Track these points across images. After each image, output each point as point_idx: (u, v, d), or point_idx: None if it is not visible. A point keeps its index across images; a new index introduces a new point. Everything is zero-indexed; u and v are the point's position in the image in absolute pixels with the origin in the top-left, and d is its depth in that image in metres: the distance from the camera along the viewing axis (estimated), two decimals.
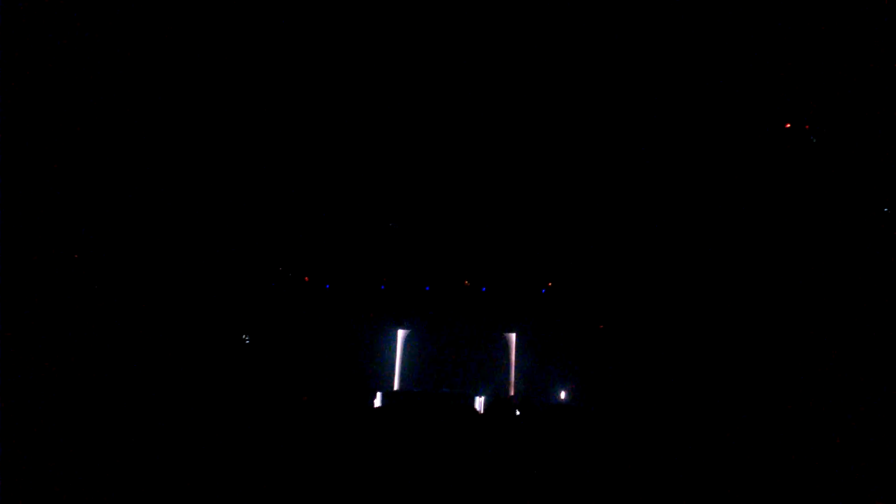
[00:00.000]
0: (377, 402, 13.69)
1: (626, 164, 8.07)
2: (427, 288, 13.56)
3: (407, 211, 9.80)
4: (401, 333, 18.50)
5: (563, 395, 17.53)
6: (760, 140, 6.49)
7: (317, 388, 14.32)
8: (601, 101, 6.90)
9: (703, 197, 8.64)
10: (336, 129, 7.80)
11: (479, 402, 14.20)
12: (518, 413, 8.18)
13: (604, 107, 6.99)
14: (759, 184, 7.23)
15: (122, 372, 9.30)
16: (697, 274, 10.47)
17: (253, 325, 13.56)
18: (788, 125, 6.05)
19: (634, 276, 12.59)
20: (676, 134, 7.22)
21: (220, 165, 8.83)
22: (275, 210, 10.13)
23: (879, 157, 6.16)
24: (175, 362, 10.39)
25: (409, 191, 9.32)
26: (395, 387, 17.75)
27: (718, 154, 7.26)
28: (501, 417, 6.11)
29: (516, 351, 18.51)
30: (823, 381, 7.06)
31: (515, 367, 18.50)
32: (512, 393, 17.80)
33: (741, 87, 5.77)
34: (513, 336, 18.53)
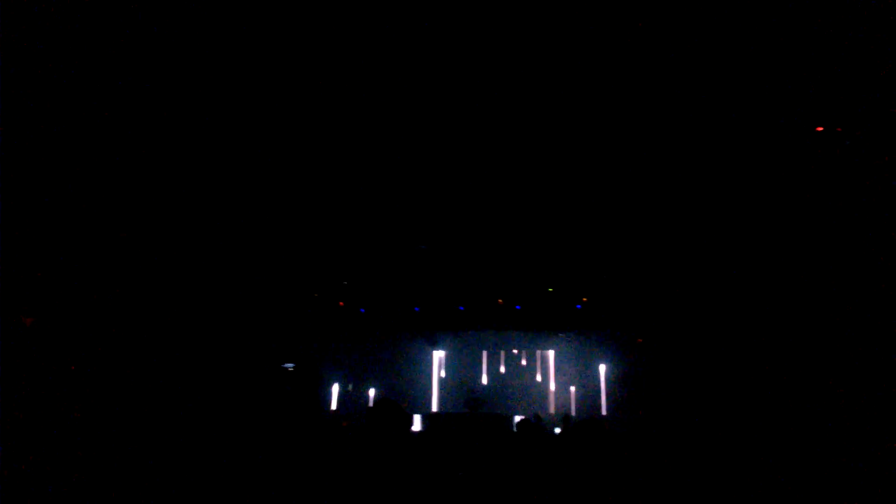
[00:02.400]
0: (416, 426, 13.65)
1: (660, 181, 7.97)
2: (461, 308, 13.54)
3: (437, 231, 9.82)
4: (439, 354, 18.50)
5: (604, 410, 17.25)
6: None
7: (353, 413, 14.38)
8: (634, 123, 6.83)
9: (734, 211, 8.52)
10: (364, 153, 7.88)
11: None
12: (558, 431, 8.08)
13: (635, 127, 6.92)
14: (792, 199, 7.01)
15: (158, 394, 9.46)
16: (731, 286, 10.29)
17: (290, 353, 13.70)
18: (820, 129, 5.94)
19: (670, 289, 12.39)
20: (707, 150, 7.11)
21: (252, 190, 8.98)
22: (307, 236, 10.25)
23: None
24: (208, 390, 10.54)
25: (439, 211, 9.35)
26: (434, 409, 17.71)
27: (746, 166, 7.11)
28: (538, 437, 6.02)
29: (555, 367, 18.34)
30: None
31: (555, 383, 18.31)
32: (552, 410, 17.59)
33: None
34: (551, 353, 18.37)
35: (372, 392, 17.86)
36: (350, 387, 17.06)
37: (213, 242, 10.16)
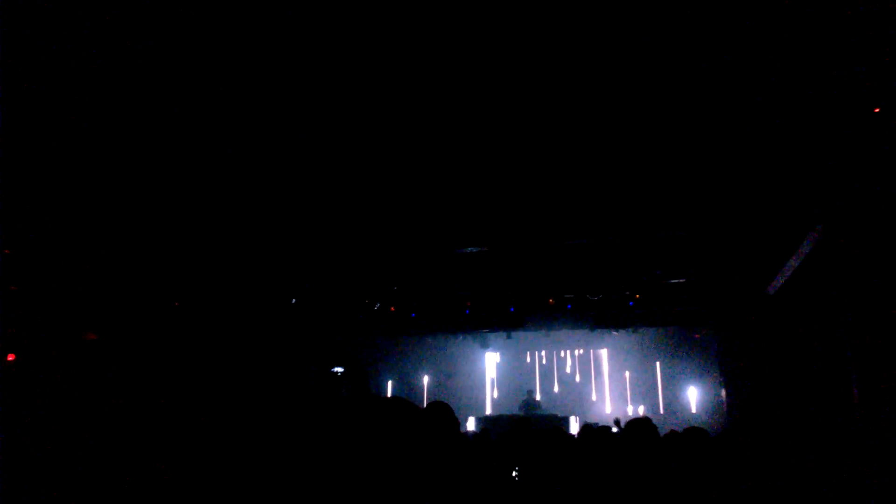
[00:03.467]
0: (470, 426, 13.58)
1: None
2: (511, 309, 13.40)
3: (485, 231, 9.73)
4: (492, 357, 18.40)
5: (661, 409, 16.83)
6: None
7: (405, 417, 14.35)
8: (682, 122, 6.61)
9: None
10: (408, 156, 7.86)
11: (574, 424, 13.80)
12: (615, 430, 7.87)
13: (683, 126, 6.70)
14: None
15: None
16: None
17: (340, 357, 13.74)
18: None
19: (722, 283, 11.98)
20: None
21: (295, 197, 9.07)
22: (357, 243, 10.32)
23: None
24: (254, 401, 10.66)
25: (485, 211, 9.26)
26: (488, 411, 17.61)
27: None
28: (595, 441, 5.85)
29: (609, 367, 18.00)
30: None
31: (609, 383, 17.97)
32: (609, 411, 17.26)
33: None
34: (604, 352, 18.03)
35: (424, 392, 17.90)
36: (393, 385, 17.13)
37: (263, 250, 10.34)
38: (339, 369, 3.47)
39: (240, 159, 7.78)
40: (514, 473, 5.21)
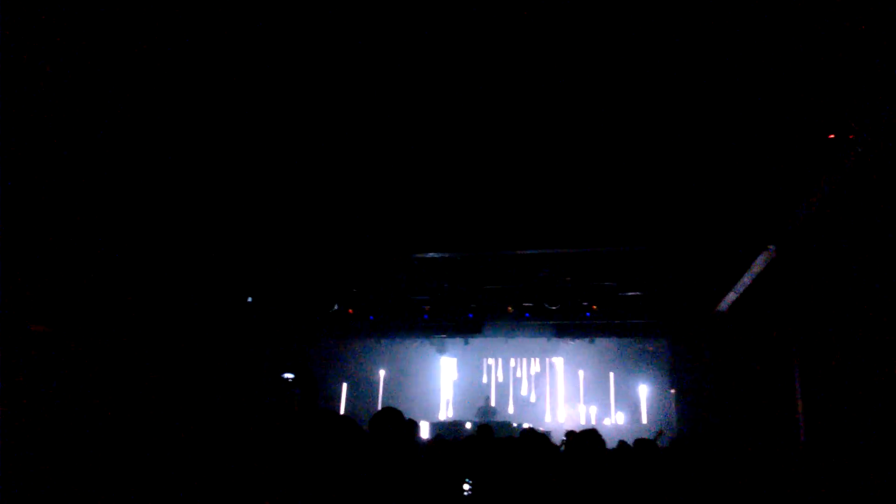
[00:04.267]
0: (425, 432, 13.53)
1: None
2: (470, 315, 13.42)
3: (445, 237, 9.72)
4: (448, 361, 18.38)
5: (621, 419, 17.07)
6: None
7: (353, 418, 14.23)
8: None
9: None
10: (368, 157, 7.80)
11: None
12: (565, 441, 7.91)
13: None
14: None
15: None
16: None
17: (291, 364, 13.64)
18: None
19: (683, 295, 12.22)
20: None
21: (257, 199, 8.93)
22: (317, 243, 10.20)
23: None
24: (217, 400, 10.47)
25: (446, 217, 9.26)
26: (443, 416, 17.59)
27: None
28: (541, 448, 5.88)
29: (565, 376, 18.17)
30: None
31: (564, 392, 18.14)
32: (562, 420, 17.42)
33: None
34: (560, 360, 18.20)
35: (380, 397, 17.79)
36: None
37: (219, 247, 10.13)
38: (290, 376, 3.40)
39: (194, 154, 7.61)
40: (466, 487, 5.18)
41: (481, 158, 7.81)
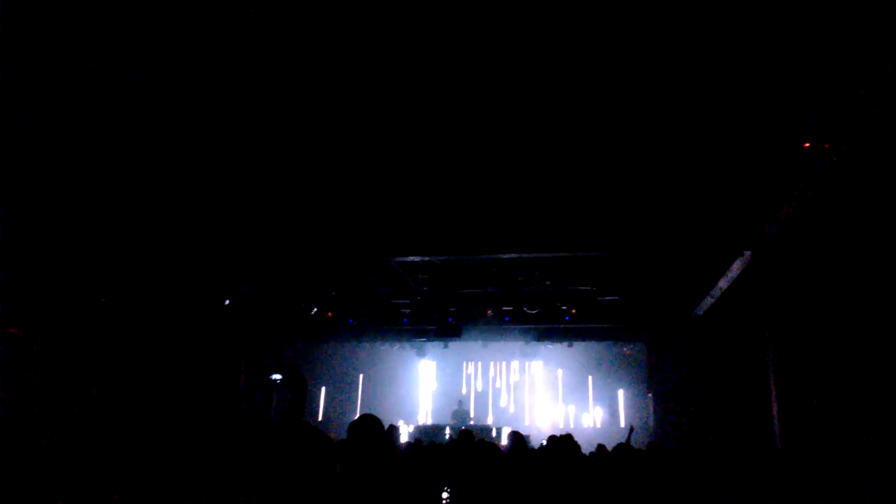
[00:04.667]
0: (404, 437, 13.47)
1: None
2: (450, 319, 13.40)
3: (426, 241, 9.70)
4: (429, 364, 18.32)
5: (598, 423, 17.17)
6: None
7: (333, 422, 14.19)
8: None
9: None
10: (347, 161, 7.76)
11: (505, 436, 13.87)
12: (544, 444, 7.94)
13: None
14: None
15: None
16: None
17: (280, 365, 13.52)
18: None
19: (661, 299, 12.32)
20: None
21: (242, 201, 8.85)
22: (298, 246, 10.11)
23: None
24: (191, 405, 10.34)
25: (427, 221, 9.24)
26: (422, 419, 17.55)
27: None
28: (521, 452, 5.89)
29: (544, 378, 18.22)
30: None
31: (544, 394, 18.19)
32: (540, 423, 17.47)
33: None
34: (539, 363, 18.25)
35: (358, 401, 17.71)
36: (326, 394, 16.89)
37: (199, 249, 10.01)
38: (278, 377, 3.28)
39: (177, 155, 7.52)
40: (445, 495, 5.16)
41: (461, 163, 7.81)
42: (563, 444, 5.64)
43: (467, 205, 8.82)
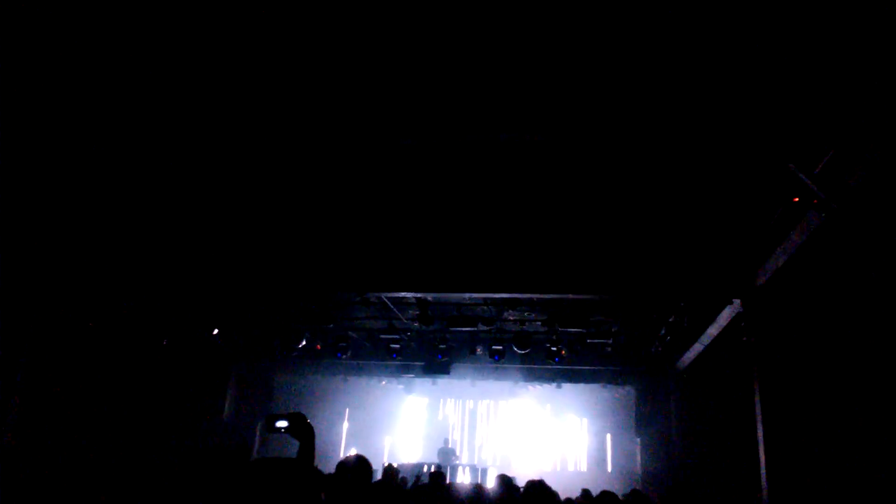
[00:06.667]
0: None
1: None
2: (440, 356, 13.34)
3: (418, 278, 9.70)
4: (418, 401, 18.13)
5: (584, 466, 16.97)
6: None
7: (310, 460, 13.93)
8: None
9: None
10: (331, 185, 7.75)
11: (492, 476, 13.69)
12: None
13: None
14: None
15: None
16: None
17: (284, 411, 13.42)
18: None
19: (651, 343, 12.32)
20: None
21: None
22: (287, 280, 10.09)
23: None
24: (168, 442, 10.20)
25: (419, 259, 9.27)
26: (409, 457, 17.30)
27: None
28: (510, 499, 5.83)
29: (534, 423, 18.07)
30: None
31: (532, 435, 18.01)
32: (528, 464, 17.26)
33: None
34: (528, 402, 18.11)
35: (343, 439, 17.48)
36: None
37: (184, 277, 9.95)
38: (284, 424, 3.14)
39: (154, 173, 7.41)
40: None
41: (456, 202, 7.87)
42: (538, 490, 5.60)
43: (460, 243, 8.86)
